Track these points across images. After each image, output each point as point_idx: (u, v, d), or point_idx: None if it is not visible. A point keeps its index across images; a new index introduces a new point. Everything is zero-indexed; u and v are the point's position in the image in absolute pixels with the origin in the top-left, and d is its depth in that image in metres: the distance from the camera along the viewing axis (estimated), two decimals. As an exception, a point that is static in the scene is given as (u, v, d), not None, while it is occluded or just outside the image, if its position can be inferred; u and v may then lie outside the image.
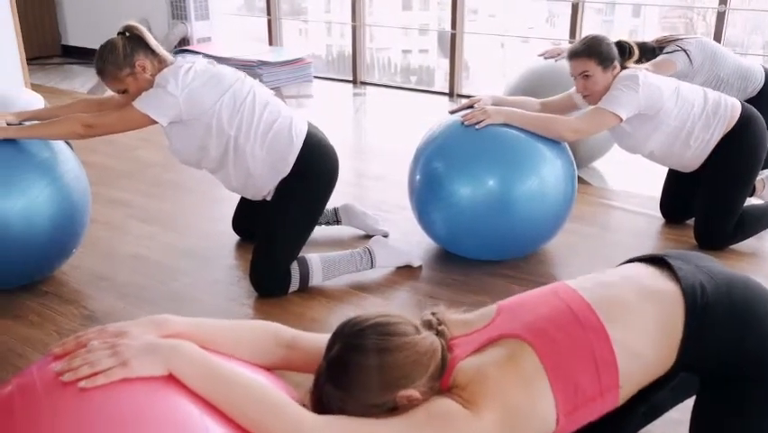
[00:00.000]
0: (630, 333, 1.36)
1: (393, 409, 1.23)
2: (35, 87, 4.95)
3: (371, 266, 2.68)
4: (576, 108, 2.91)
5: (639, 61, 2.90)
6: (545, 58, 3.77)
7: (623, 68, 2.76)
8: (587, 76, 2.72)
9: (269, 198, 2.62)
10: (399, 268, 2.76)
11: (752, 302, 1.41)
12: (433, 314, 1.38)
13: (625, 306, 1.39)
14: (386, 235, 3.00)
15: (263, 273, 2.54)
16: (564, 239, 2.94)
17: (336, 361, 1.25)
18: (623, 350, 1.34)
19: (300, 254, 2.59)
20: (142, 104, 2.37)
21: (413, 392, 1.23)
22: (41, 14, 7.42)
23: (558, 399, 1.28)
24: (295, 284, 2.55)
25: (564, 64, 2.96)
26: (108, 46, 2.44)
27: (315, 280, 2.58)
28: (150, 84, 2.43)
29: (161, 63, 2.47)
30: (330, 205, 2.86)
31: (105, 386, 1.08)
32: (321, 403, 1.26)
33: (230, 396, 1.14)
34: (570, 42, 5.06)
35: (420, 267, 2.78)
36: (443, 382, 1.29)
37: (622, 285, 1.43)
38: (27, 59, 4.89)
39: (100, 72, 2.47)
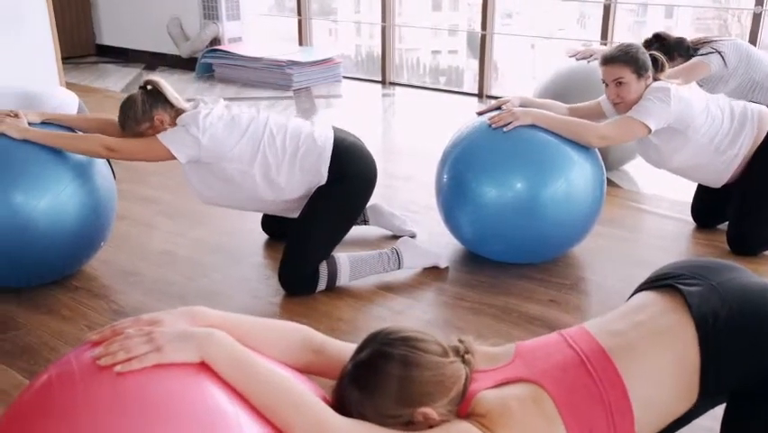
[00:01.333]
0: (647, 383, 1.36)
1: (408, 424, 1.24)
2: (69, 86, 5.04)
3: (398, 267, 2.68)
4: (604, 117, 2.87)
5: (672, 58, 2.86)
6: (577, 59, 3.74)
7: (654, 79, 2.73)
8: (621, 83, 2.68)
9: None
10: (426, 269, 2.76)
11: (766, 317, 1.40)
12: (460, 341, 1.38)
13: (639, 355, 1.39)
14: (413, 236, 3.00)
15: (293, 272, 2.55)
16: (593, 242, 2.92)
17: (362, 364, 1.27)
18: (639, 400, 1.34)
19: (328, 253, 2.60)
20: (166, 138, 2.42)
21: (431, 411, 1.24)
22: (76, 14, 7.55)
23: None
24: (322, 284, 2.56)
25: (595, 66, 2.93)
26: (129, 102, 2.52)
27: (343, 279, 2.59)
28: None
29: (179, 114, 2.51)
30: (358, 205, 2.87)
31: (140, 371, 1.11)
32: (341, 403, 1.27)
33: (259, 386, 1.16)
34: (602, 44, 5.01)
35: (447, 268, 2.77)
36: (461, 409, 1.30)
37: (634, 333, 1.43)
38: (62, 58, 4.97)
39: (122, 126, 2.54)
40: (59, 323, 2.41)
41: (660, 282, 1.54)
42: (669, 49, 3.28)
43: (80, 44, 7.63)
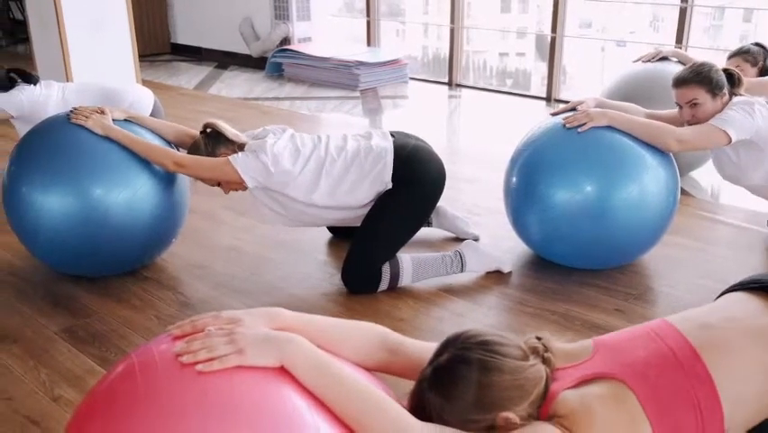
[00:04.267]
0: (737, 379, 1.31)
1: (490, 428, 1.22)
2: (145, 83, 5.21)
3: (461, 269, 2.66)
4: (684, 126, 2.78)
5: (755, 64, 2.75)
6: (643, 62, 3.66)
7: (732, 95, 2.64)
8: (695, 104, 2.61)
9: None
10: (489, 273, 2.74)
11: None
12: (538, 339, 1.36)
13: (731, 351, 1.33)
14: (477, 239, 2.98)
15: (356, 271, 2.57)
16: (662, 251, 2.84)
17: (442, 369, 1.26)
18: (729, 397, 1.29)
19: (391, 254, 2.61)
20: (237, 161, 2.47)
21: (512, 415, 1.22)
22: (153, 14, 7.79)
23: None
24: (384, 284, 2.57)
25: (664, 68, 2.85)
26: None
27: (405, 280, 2.60)
28: None
29: (242, 148, 2.56)
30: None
31: (221, 371, 1.12)
32: (420, 408, 1.26)
33: (338, 392, 1.16)
34: (676, 47, 4.88)
35: (510, 273, 2.75)
36: (542, 411, 1.27)
37: (726, 327, 1.37)
38: (139, 56, 5.15)
39: None
40: (129, 312, 2.49)
41: (754, 285, 1.48)
42: None
43: (156, 43, 7.87)
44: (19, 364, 2.18)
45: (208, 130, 2.60)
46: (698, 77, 2.60)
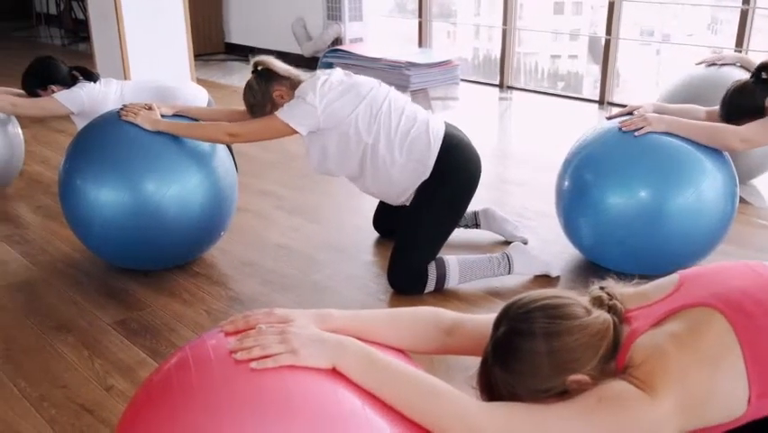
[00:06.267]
0: None
1: (562, 394, 1.18)
2: (199, 81, 5.31)
3: (509, 272, 2.64)
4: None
5: None
6: (706, 66, 3.57)
7: None
8: None
9: (407, 203, 2.65)
10: (537, 276, 2.71)
11: None
12: (602, 288, 1.30)
13: None
14: (525, 242, 2.95)
15: (401, 272, 2.57)
16: (717, 260, 2.76)
17: (502, 344, 1.22)
18: None
19: (438, 256, 2.60)
20: (284, 114, 2.48)
21: (583, 377, 1.17)
22: (209, 14, 7.93)
23: (752, 378, 1.15)
24: (431, 285, 2.56)
25: (726, 72, 2.77)
26: (246, 89, 2.63)
27: (452, 282, 2.59)
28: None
29: (295, 83, 2.58)
30: (471, 208, 2.86)
31: (275, 370, 1.13)
32: (490, 386, 1.24)
33: (395, 388, 1.16)
34: (735, 50, 4.75)
35: (558, 277, 2.71)
36: (618, 361, 1.21)
37: None
38: (194, 55, 5.24)
39: (251, 113, 2.65)
40: (180, 306, 2.54)
41: None
42: None
43: (211, 42, 8.01)
44: (74, 353, 2.24)
45: (259, 68, 2.62)
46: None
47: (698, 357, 1.16)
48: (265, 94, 2.57)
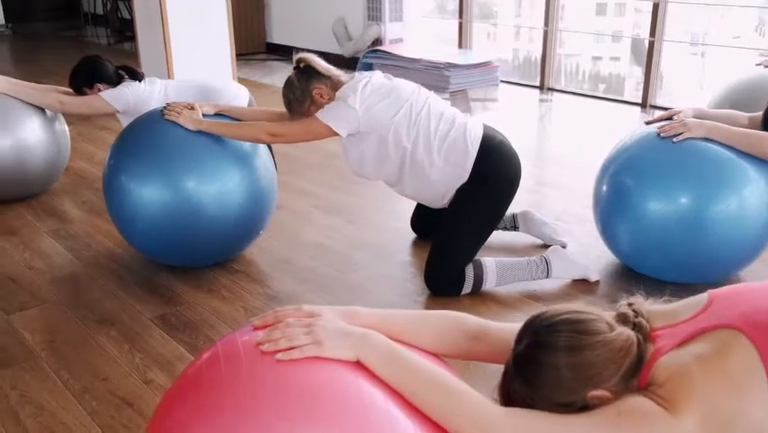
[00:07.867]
0: None
1: (582, 409, 1.18)
2: (241, 81, 5.38)
3: (547, 276, 2.62)
4: None
5: None
6: (765, 66, 3.50)
7: None
8: None
9: (446, 206, 2.65)
10: (575, 281, 2.68)
11: None
12: (629, 305, 1.29)
13: None
14: (564, 246, 2.92)
15: (438, 273, 2.57)
16: (760, 268, 2.71)
17: (524, 357, 1.22)
18: None
19: (476, 257, 2.59)
20: (324, 115, 2.49)
21: (604, 393, 1.17)
22: (251, 15, 8.03)
23: None
24: (468, 286, 2.56)
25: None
26: (286, 85, 2.64)
27: (489, 284, 2.58)
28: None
29: (336, 83, 2.59)
30: (509, 210, 2.84)
31: (300, 361, 1.16)
32: (509, 398, 1.24)
33: (416, 384, 1.17)
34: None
35: (597, 282, 2.68)
36: (641, 379, 1.20)
37: None
38: (236, 55, 5.32)
39: (289, 110, 2.67)
40: (219, 302, 2.58)
41: None
42: None
43: (252, 42, 8.10)
44: (115, 347, 2.29)
45: (301, 65, 2.64)
46: None
47: (723, 379, 1.14)
48: (304, 91, 2.59)
